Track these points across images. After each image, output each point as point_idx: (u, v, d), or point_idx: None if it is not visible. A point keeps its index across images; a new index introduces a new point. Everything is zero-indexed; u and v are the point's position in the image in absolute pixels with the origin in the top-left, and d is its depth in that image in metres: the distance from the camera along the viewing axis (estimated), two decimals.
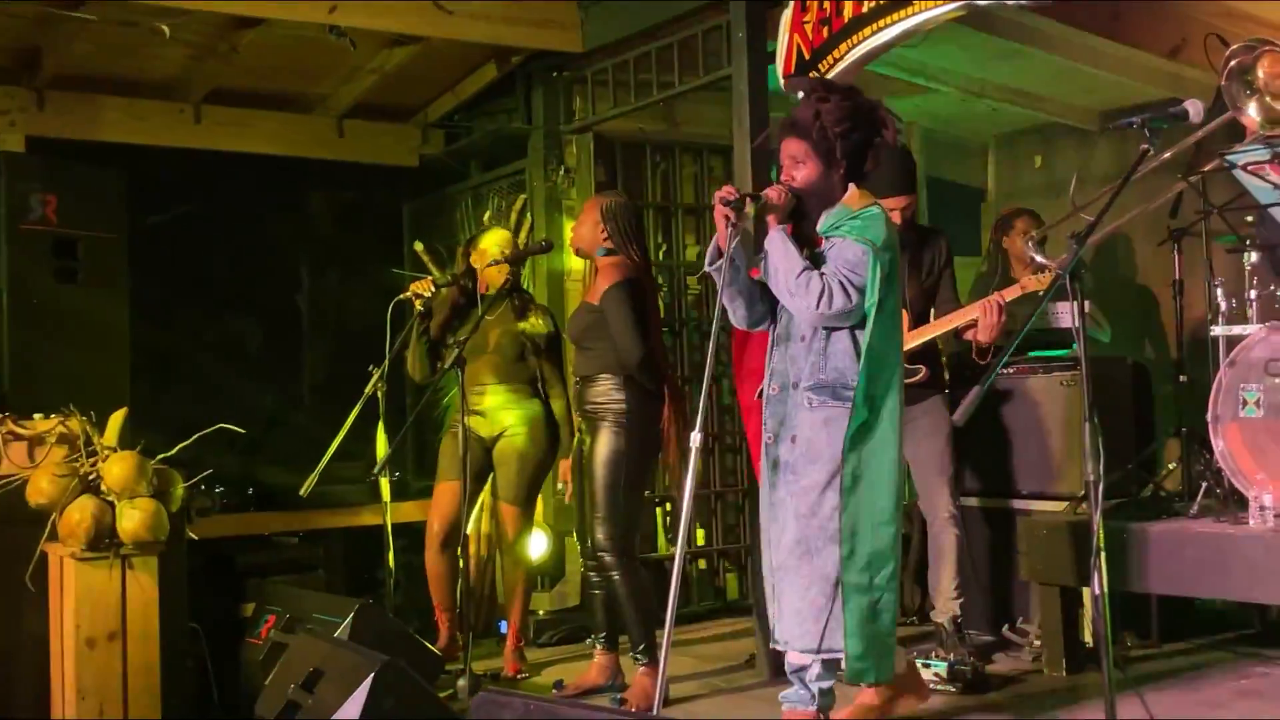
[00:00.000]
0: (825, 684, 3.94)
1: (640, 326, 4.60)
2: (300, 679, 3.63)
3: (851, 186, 3.88)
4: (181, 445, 4.40)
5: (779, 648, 3.96)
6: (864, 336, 3.75)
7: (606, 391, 4.67)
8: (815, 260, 3.81)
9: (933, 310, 4.88)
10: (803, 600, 3.77)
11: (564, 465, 5.27)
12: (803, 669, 3.94)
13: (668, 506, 6.29)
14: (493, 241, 5.30)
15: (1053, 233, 5.24)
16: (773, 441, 3.90)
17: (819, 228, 3.89)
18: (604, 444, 4.63)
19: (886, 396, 3.77)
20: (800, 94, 3.95)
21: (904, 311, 4.17)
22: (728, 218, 3.71)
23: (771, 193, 3.83)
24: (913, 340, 4.74)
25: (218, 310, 6.86)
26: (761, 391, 4.01)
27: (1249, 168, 2.67)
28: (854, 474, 3.71)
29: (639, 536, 4.98)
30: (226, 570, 5.46)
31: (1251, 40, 2.76)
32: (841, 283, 3.72)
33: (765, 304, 3.98)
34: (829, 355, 3.80)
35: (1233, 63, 2.76)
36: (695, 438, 3.47)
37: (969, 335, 4.74)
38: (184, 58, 6.03)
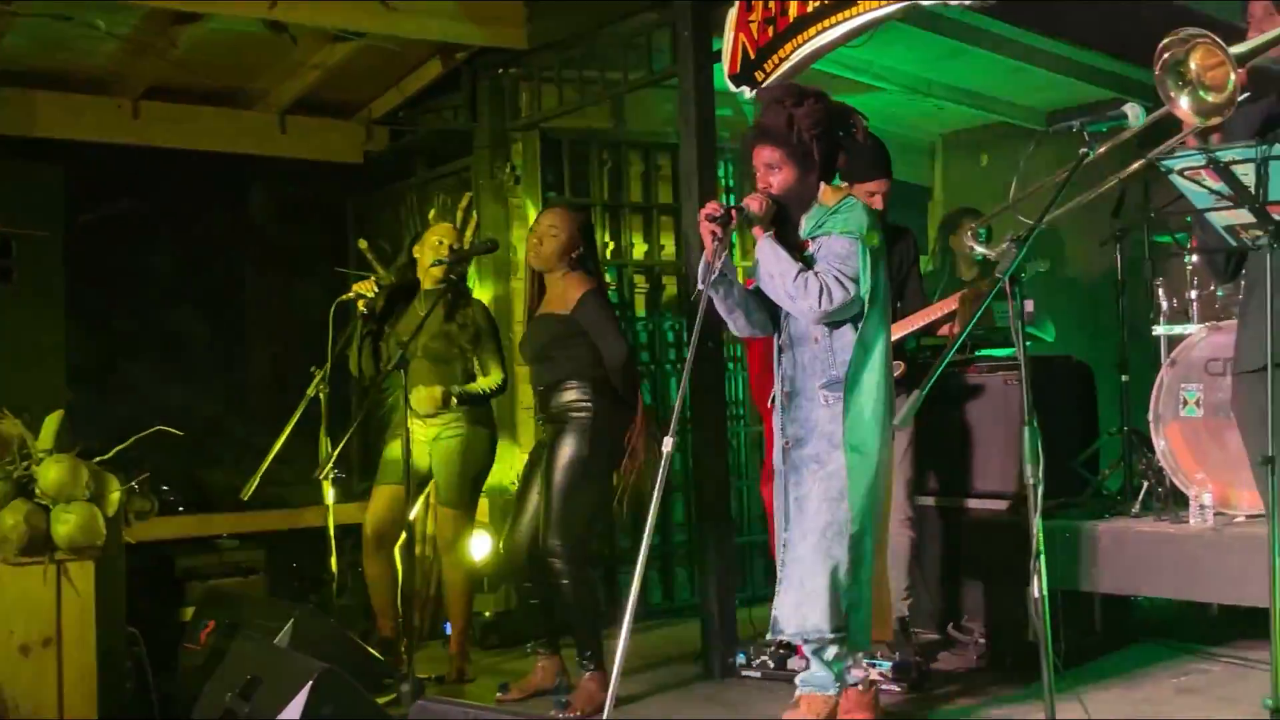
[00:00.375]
0: (856, 670, 4.00)
1: (619, 334, 4.69)
2: (238, 686, 3.58)
3: (823, 185, 3.98)
4: (119, 448, 4.33)
5: (788, 636, 3.96)
6: (861, 325, 3.86)
7: (574, 398, 4.66)
8: (805, 263, 3.89)
9: (898, 306, 4.89)
10: (826, 581, 3.81)
11: None
12: (820, 649, 3.93)
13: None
14: (437, 234, 5.25)
15: (996, 228, 5.26)
16: (791, 445, 3.97)
17: (802, 231, 3.97)
18: (567, 448, 4.61)
19: (878, 378, 3.87)
20: (767, 101, 4.01)
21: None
22: (714, 234, 3.73)
23: (753, 203, 3.88)
24: (895, 333, 4.75)
25: (158, 309, 6.74)
26: (774, 398, 4.10)
27: (1185, 173, 2.67)
28: (856, 456, 3.84)
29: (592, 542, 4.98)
30: (166, 574, 5.39)
31: (1185, 32, 2.75)
32: (836, 277, 3.80)
33: (763, 311, 4.05)
34: (836, 351, 3.89)
35: (1165, 55, 2.75)
36: (668, 441, 3.40)
37: (944, 330, 4.78)
38: (121, 52, 5.92)
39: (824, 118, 3.91)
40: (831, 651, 3.89)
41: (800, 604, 3.84)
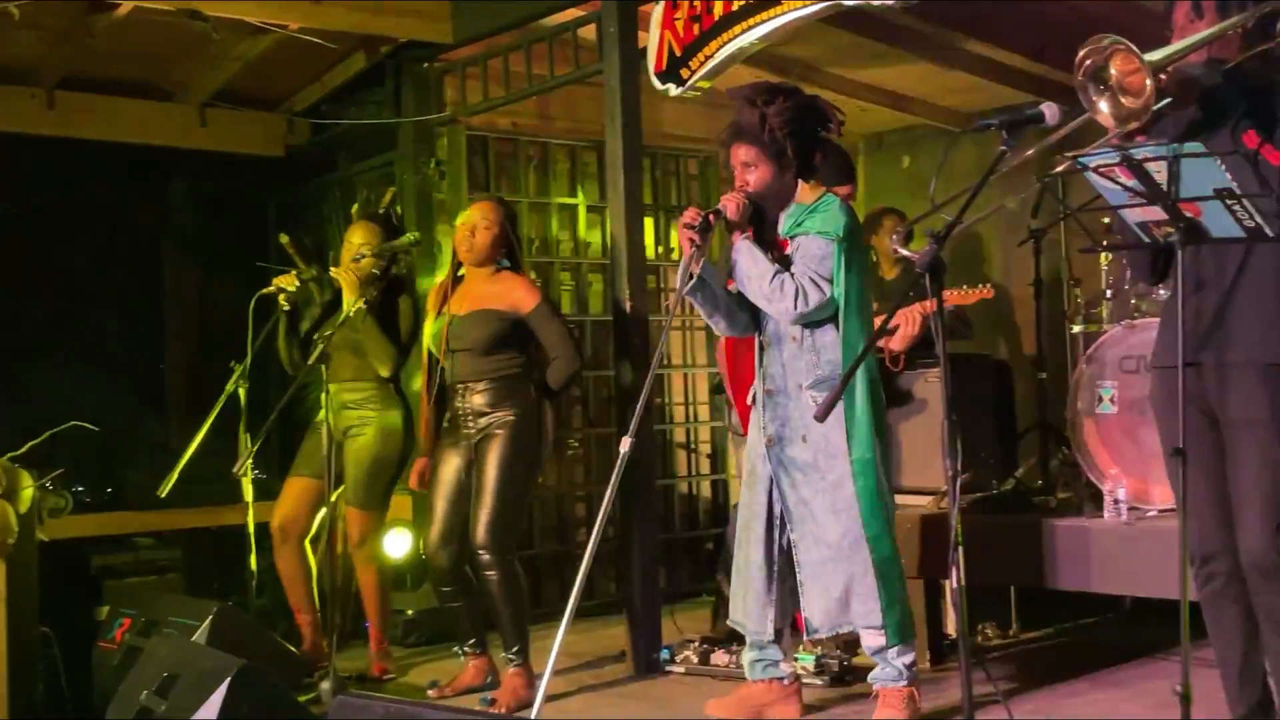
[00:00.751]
0: (908, 658, 4.00)
1: (573, 339, 4.74)
2: (154, 684, 3.52)
3: (800, 183, 4.01)
4: (32, 444, 4.26)
5: (820, 635, 4.03)
6: (843, 324, 3.91)
7: (505, 396, 4.64)
8: (784, 263, 3.94)
9: None
10: (861, 584, 3.90)
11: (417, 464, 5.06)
12: (881, 650, 3.97)
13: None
14: (356, 233, 5.19)
15: (918, 229, 5.32)
16: (775, 442, 4.01)
17: (781, 230, 4.02)
18: (501, 448, 4.60)
19: (866, 377, 3.92)
20: (740, 100, 4.03)
21: None
22: (692, 240, 3.81)
23: (729, 205, 3.93)
24: None
25: (73, 304, 6.61)
26: (753, 396, 4.14)
27: (1100, 170, 2.72)
28: (859, 464, 3.90)
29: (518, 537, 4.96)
30: (81, 572, 5.29)
31: (1103, 40, 2.81)
32: (812, 278, 3.85)
33: (745, 312, 4.11)
34: (819, 350, 3.94)
35: (1087, 62, 2.81)
36: (626, 442, 3.48)
37: (882, 342, 4.84)
38: (36, 42, 5.79)
39: (797, 114, 3.95)
40: (882, 647, 3.95)
41: (829, 609, 3.94)
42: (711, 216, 3.87)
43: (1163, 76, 2.86)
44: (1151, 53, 2.85)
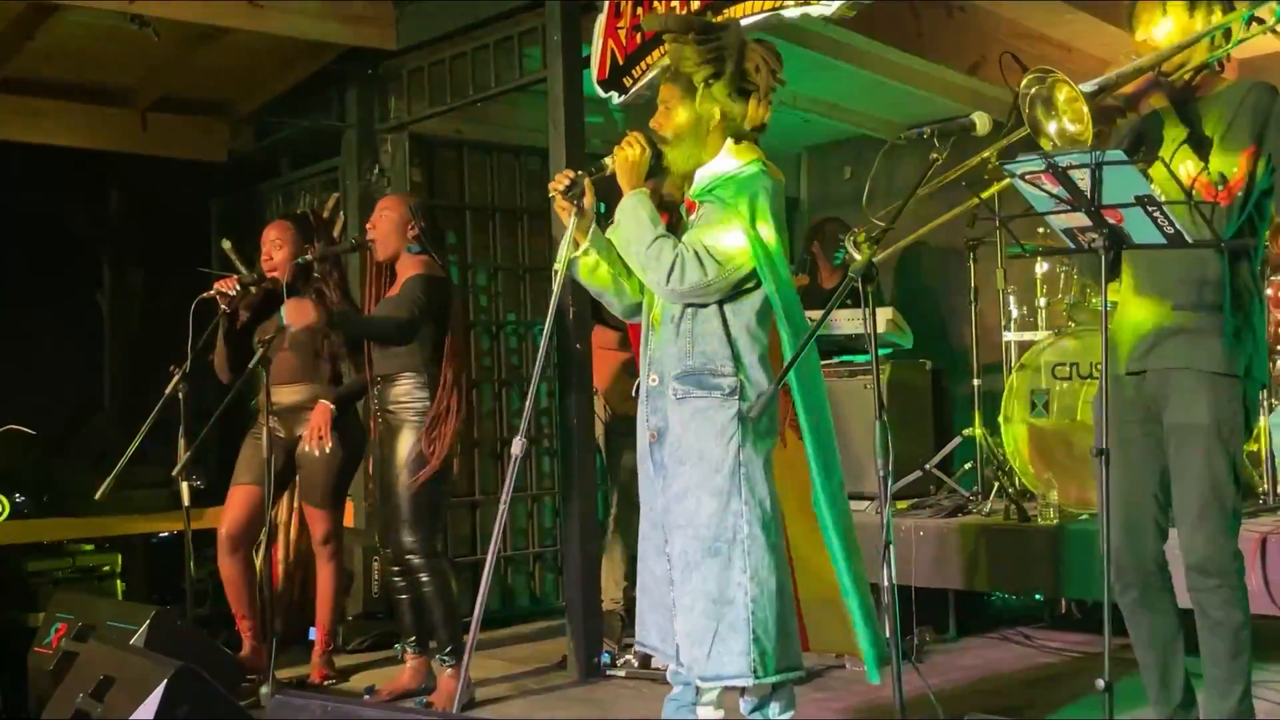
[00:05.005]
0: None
1: (427, 320, 4.54)
2: (90, 687, 3.49)
3: (728, 141, 3.42)
4: None
5: (678, 669, 3.45)
6: (737, 315, 3.33)
7: (408, 391, 4.62)
8: (678, 230, 3.41)
9: None
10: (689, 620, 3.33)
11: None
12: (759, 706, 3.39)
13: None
14: (273, 233, 5.19)
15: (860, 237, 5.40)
16: (655, 439, 3.42)
17: (691, 191, 3.45)
18: (406, 445, 4.58)
19: (761, 377, 3.32)
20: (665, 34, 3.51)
21: None
22: (567, 209, 3.33)
23: (618, 154, 3.38)
24: None
25: (11, 308, 6.54)
26: (637, 387, 3.53)
27: (1026, 177, 2.80)
28: (738, 474, 3.28)
29: (446, 537, 4.95)
30: (16, 578, 5.23)
31: (1039, 71, 2.95)
32: (698, 253, 3.26)
33: (639, 290, 3.53)
34: (696, 338, 3.33)
35: (1031, 91, 2.94)
36: (518, 444, 3.12)
37: None
38: None
39: (715, 59, 3.36)
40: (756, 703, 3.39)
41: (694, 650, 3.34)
42: (588, 174, 3.35)
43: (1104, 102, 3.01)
44: (1085, 84, 2.98)
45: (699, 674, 3.33)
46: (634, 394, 3.57)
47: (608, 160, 3.42)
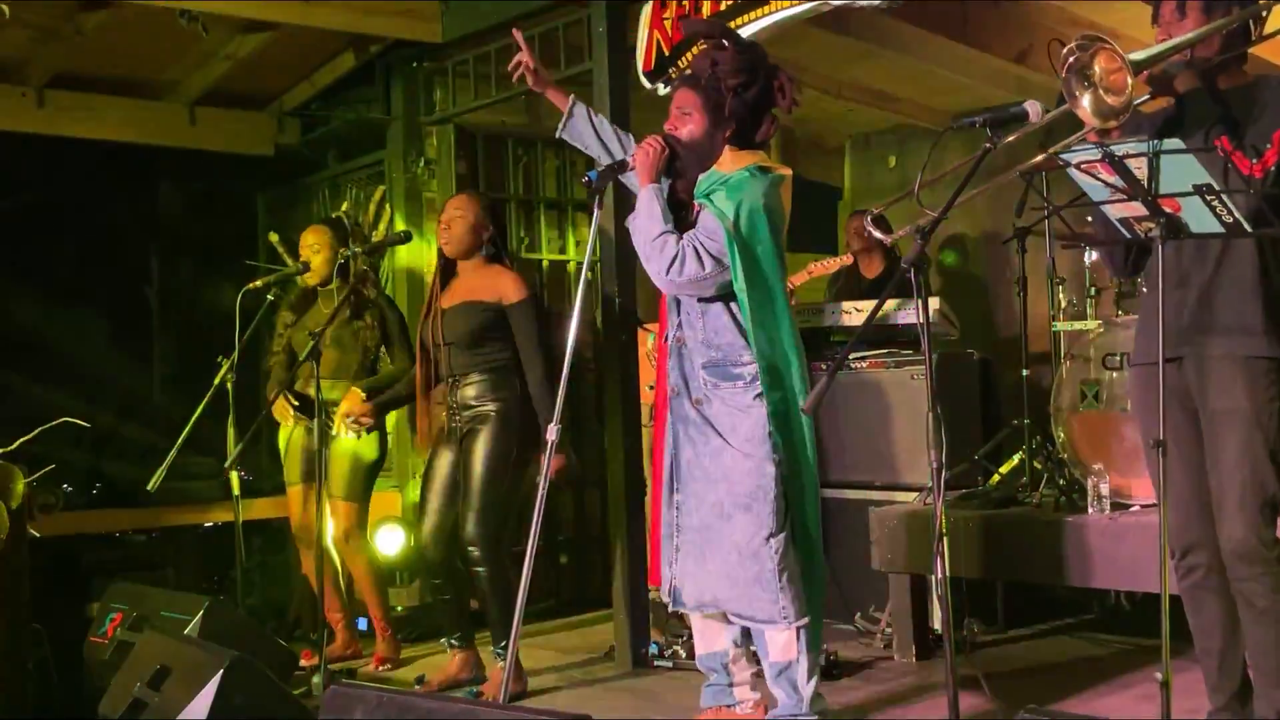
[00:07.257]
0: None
1: (545, 347, 4.65)
2: (146, 677, 3.54)
3: (727, 149, 3.71)
4: (22, 440, 4.26)
5: (686, 609, 3.84)
6: (742, 313, 3.61)
7: (491, 388, 4.64)
8: (685, 226, 3.66)
9: None
10: (738, 568, 3.64)
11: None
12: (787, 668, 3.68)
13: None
14: (310, 237, 5.30)
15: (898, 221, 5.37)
16: (676, 394, 3.77)
17: (695, 192, 3.73)
18: (485, 441, 4.60)
19: (790, 371, 3.65)
20: (696, 35, 3.82)
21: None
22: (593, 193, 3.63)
23: (638, 153, 3.67)
24: None
25: (63, 301, 6.61)
26: (669, 335, 3.85)
27: (1083, 166, 2.77)
28: (779, 454, 3.61)
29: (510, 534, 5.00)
30: (72, 569, 5.30)
31: (1086, 38, 2.87)
32: (696, 249, 3.57)
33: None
34: (710, 330, 3.68)
35: (1071, 59, 2.86)
36: (552, 430, 3.45)
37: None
38: (26, 39, 5.80)
39: (747, 69, 3.63)
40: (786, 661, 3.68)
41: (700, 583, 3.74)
42: (606, 173, 3.67)
43: (1144, 76, 2.92)
44: (1135, 53, 2.91)
45: (733, 610, 3.68)
46: (663, 340, 3.95)
47: (628, 159, 3.73)
